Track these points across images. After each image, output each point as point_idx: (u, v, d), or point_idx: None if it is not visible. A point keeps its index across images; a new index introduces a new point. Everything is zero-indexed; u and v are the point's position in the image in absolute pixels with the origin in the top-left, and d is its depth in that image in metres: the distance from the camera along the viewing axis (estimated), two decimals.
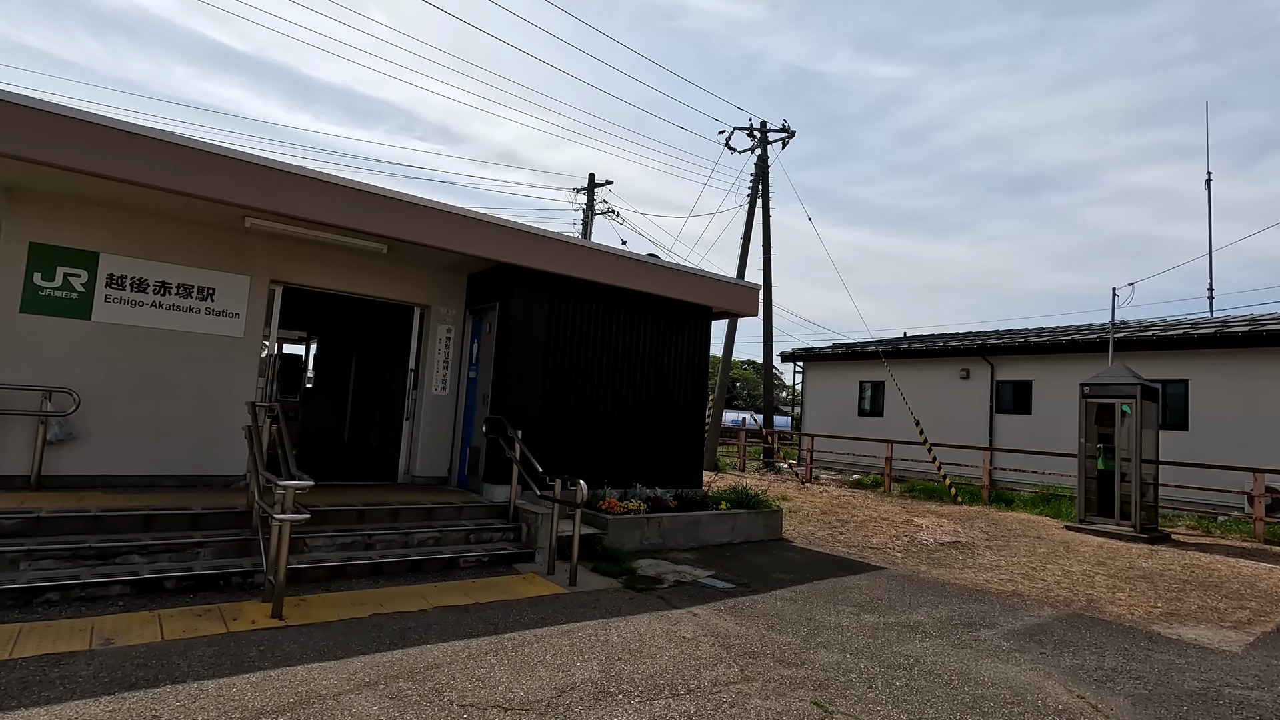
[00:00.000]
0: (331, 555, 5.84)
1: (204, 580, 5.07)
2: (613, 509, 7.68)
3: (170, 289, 6.75)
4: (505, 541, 6.92)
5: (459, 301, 8.67)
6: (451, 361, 8.58)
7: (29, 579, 4.56)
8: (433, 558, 6.14)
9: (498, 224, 7.36)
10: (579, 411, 8.20)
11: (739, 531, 8.57)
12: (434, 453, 8.37)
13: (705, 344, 9.54)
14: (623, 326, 8.67)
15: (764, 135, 20.73)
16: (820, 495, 13.98)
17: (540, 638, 4.64)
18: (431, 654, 4.19)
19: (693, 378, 9.38)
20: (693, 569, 7.05)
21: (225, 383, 6.99)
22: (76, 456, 6.27)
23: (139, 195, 6.14)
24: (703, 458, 9.47)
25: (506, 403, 7.59)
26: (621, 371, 8.62)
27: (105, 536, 5.17)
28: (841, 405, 20.28)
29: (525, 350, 7.77)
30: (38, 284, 6.15)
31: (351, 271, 7.86)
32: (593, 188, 24.00)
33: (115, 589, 4.76)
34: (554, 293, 8.03)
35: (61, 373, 6.19)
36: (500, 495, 7.42)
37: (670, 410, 9.10)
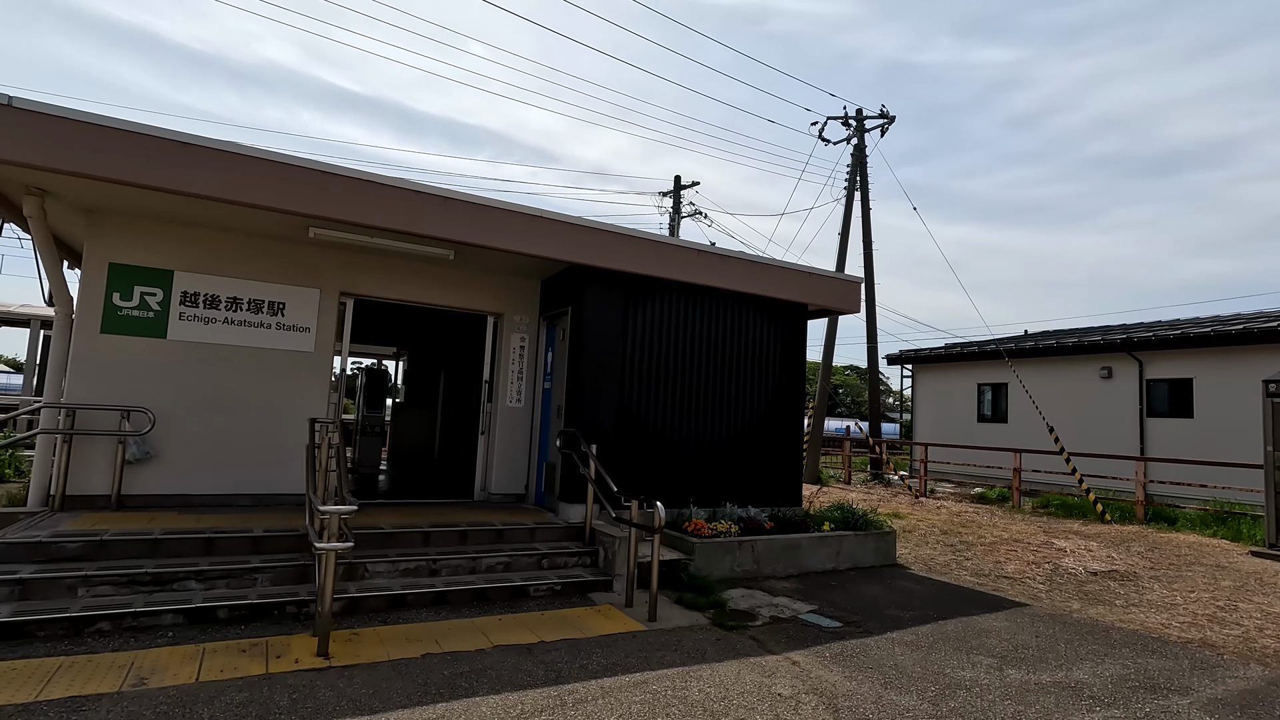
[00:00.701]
0: (393, 582, 5.42)
1: (257, 610, 4.75)
2: (699, 531, 6.90)
3: (241, 305, 6.66)
4: (580, 567, 6.31)
5: (532, 308, 8.22)
6: (526, 372, 8.13)
7: (83, 607, 4.38)
8: (501, 586, 5.61)
9: (565, 222, 6.82)
10: (660, 423, 7.50)
11: (845, 556, 7.55)
12: (510, 469, 7.93)
13: (801, 345, 8.60)
14: (707, 328, 7.91)
15: (860, 123, 19.36)
16: (938, 512, 12.54)
17: (608, 691, 3.94)
18: (478, 710, 3.60)
19: (788, 383, 8.46)
20: (792, 601, 6.15)
21: (296, 399, 6.83)
22: (154, 476, 6.24)
23: (206, 211, 6.07)
24: (801, 471, 8.52)
25: (580, 415, 7.01)
26: (707, 378, 7.85)
27: (164, 561, 4.98)
28: (958, 411, 18.46)
29: (599, 357, 7.17)
30: (117, 304, 6.18)
31: (421, 281, 7.58)
32: (679, 189, 23.35)
33: (168, 618, 4.51)
34: (630, 294, 7.40)
35: (139, 392, 6.19)
36: (576, 515, 6.83)
37: (763, 419, 8.22)
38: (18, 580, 4.43)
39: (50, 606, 4.35)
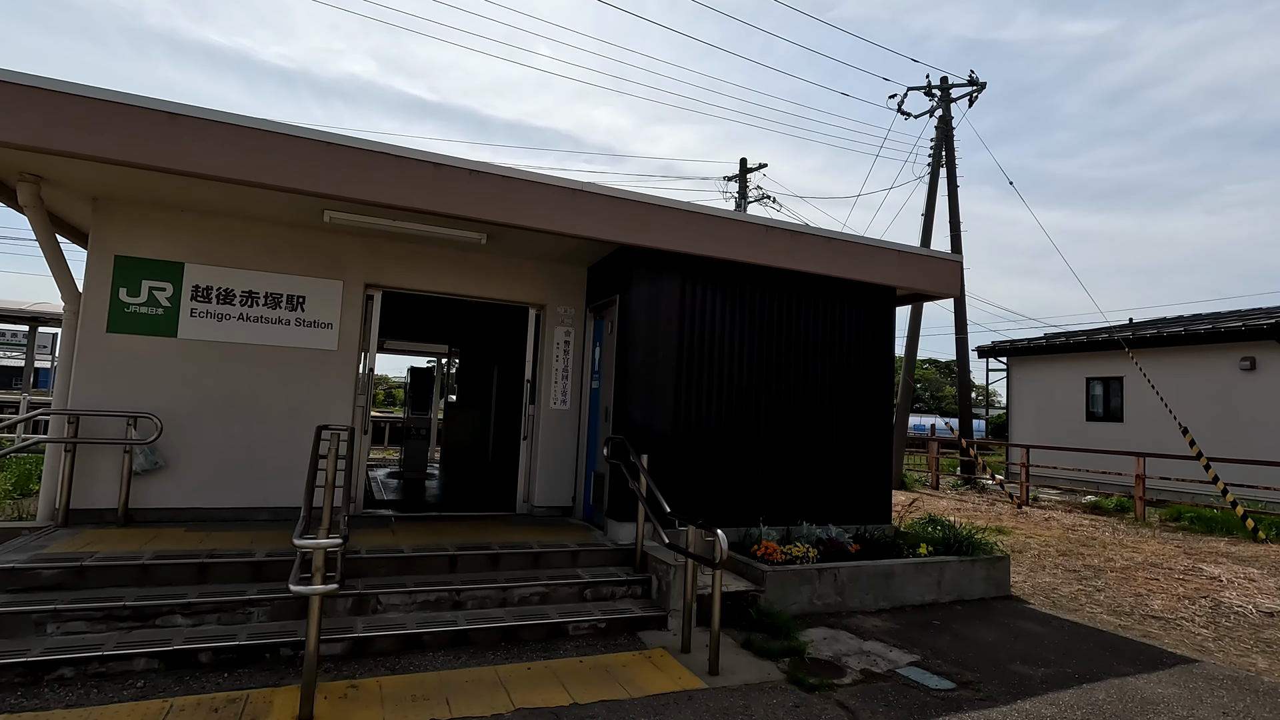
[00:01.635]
0: (409, 618, 4.64)
1: (246, 653, 4.05)
2: (770, 556, 5.85)
3: (258, 299, 6.06)
4: (629, 599, 5.38)
5: (578, 298, 7.34)
6: (572, 370, 7.26)
7: (45, 649, 3.77)
8: (534, 623, 4.75)
9: (609, 195, 5.89)
10: (722, 428, 6.48)
11: (948, 586, 6.33)
12: (554, 479, 7.08)
13: (888, 335, 7.38)
14: (778, 317, 6.81)
15: (946, 92, 17.60)
16: (1048, 525, 10.95)
17: None
18: None
19: (874, 380, 7.26)
20: (886, 648, 5.02)
21: (318, 402, 6.18)
22: (164, 488, 5.71)
23: (214, 196, 5.48)
24: (891, 483, 7.31)
25: (629, 419, 6.07)
26: (778, 375, 6.77)
27: (150, 592, 4.36)
28: (1061, 408, 16.50)
29: (651, 353, 6.20)
30: (123, 300, 5.67)
31: (453, 270, 6.82)
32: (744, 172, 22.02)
33: (140, 663, 3.85)
34: (686, 278, 6.40)
35: (148, 396, 5.67)
36: (626, 535, 5.90)
37: (845, 423, 7.06)
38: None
39: (9, 648, 3.76)
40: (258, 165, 4.80)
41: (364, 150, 5.08)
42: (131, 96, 4.45)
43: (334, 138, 5.01)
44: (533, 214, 5.63)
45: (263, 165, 4.82)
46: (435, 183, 5.29)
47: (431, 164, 5.29)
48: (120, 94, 4.42)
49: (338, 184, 5.02)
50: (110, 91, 4.41)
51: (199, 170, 4.65)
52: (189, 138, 4.61)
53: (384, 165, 5.14)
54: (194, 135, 4.63)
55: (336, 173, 5.02)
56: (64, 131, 4.27)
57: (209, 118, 4.67)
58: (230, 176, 4.74)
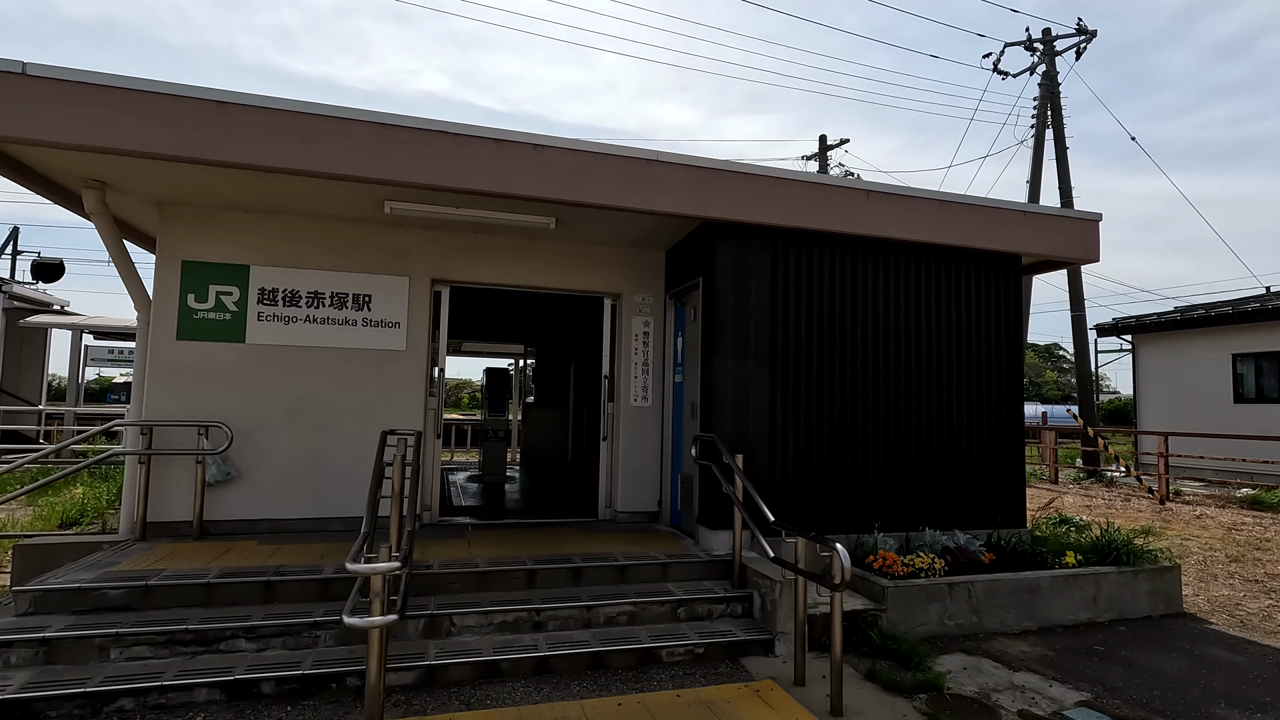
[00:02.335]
0: (485, 641, 4.18)
1: (310, 683, 3.68)
2: (890, 568, 5.07)
3: (323, 300, 5.79)
4: (729, 619, 4.73)
5: (657, 285, 6.75)
6: (652, 363, 6.67)
7: (106, 678, 3.51)
8: (622, 648, 4.19)
9: (688, 165, 5.26)
10: (827, 421, 5.72)
11: (1106, 603, 5.35)
12: (638, 482, 6.52)
13: (1016, 309, 6.39)
14: (888, 293, 5.99)
15: (1050, 44, 15.95)
16: (1202, 524, 9.50)
17: None
18: None
19: (1002, 361, 6.31)
20: (1043, 682, 4.17)
21: (388, 406, 5.86)
22: (238, 499, 5.51)
23: (275, 193, 5.23)
24: (1024, 481, 6.32)
25: (719, 415, 5.42)
26: (891, 359, 5.94)
27: (214, 613, 4.07)
28: (1201, 390, 14.58)
29: (742, 339, 5.53)
30: (192, 307, 5.51)
31: (523, 261, 6.37)
32: (824, 150, 20.82)
33: (201, 694, 3.54)
34: (778, 254, 5.69)
35: (219, 404, 5.49)
36: (720, 545, 5.26)
37: (971, 412, 6.15)
38: (42, 640, 3.67)
39: (71, 676, 3.53)
40: (308, 152, 4.46)
41: (419, 129, 4.67)
42: (177, 86, 4.18)
43: (387, 118, 4.61)
44: (604, 190, 5.07)
45: (314, 152, 4.47)
46: (497, 161, 4.81)
47: (493, 140, 4.82)
48: (165, 84, 4.17)
49: (393, 168, 4.63)
50: (154, 82, 4.15)
51: (249, 161, 4.35)
52: (237, 127, 4.31)
53: (441, 144, 4.71)
54: (242, 124, 4.32)
55: (391, 156, 4.63)
56: (108, 127, 4.04)
57: (256, 104, 4.36)
58: (281, 166, 4.43)
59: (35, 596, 3.98)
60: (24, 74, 3.97)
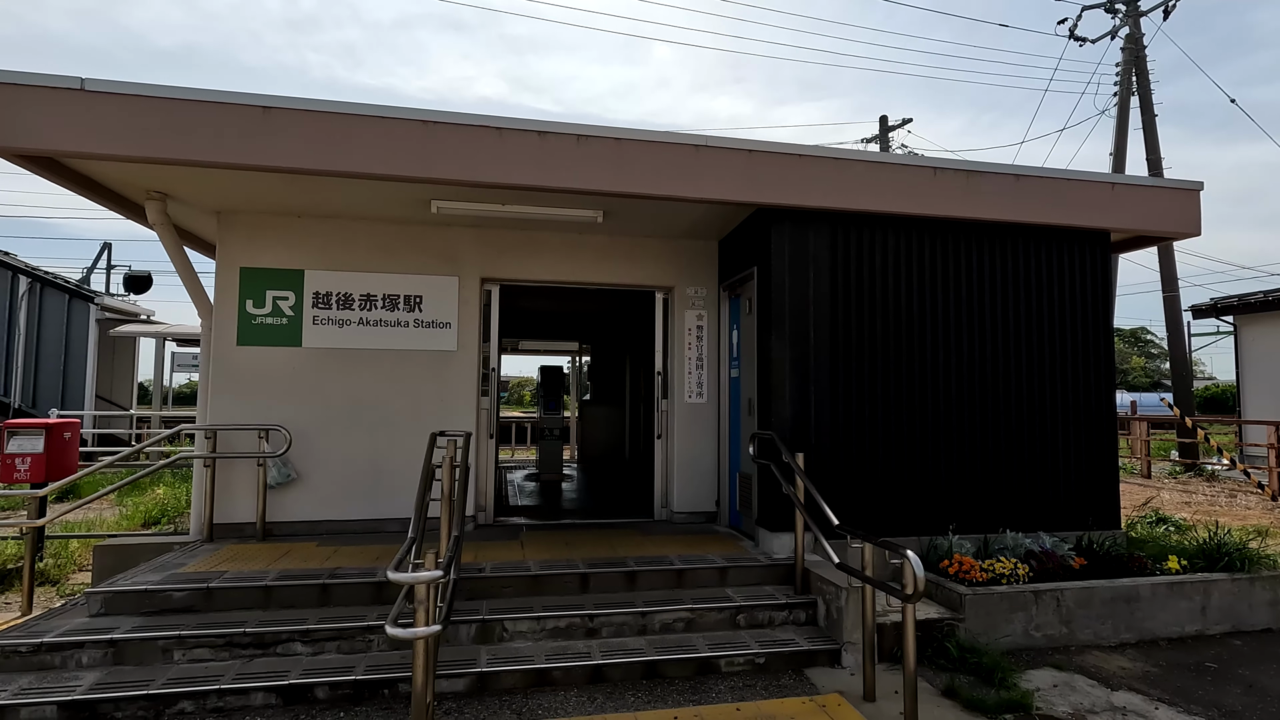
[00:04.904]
0: (538, 648, 4.06)
1: (363, 688, 3.64)
2: (968, 574, 4.69)
3: (375, 302, 5.82)
4: (791, 627, 4.48)
5: (709, 277, 6.51)
6: (707, 358, 6.44)
7: (168, 680, 3.56)
8: (679, 658, 4.00)
9: (737, 149, 5.00)
10: (895, 416, 5.37)
11: (1217, 613, 4.82)
12: (694, 481, 6.31)
13: (1105, 289, 5.84)
14: (960, 277, 5.58)
15: (1134, 4, 14.78)
16: None
17: None
18: None
19: (1090, 347, 5.79)
20: (1149, 704, 3.76)
21: (441, 406, 5.85)
22: (298, 500, 5.60)
23: (324, 198, 5.27)
24: (1117, 477, 5.79)
25: (777, 411, 5.15)
26: (964, 348, 5.54)
27: (271, 616, 4.10)
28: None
29: (801, 330, 5.24)
30: (250, 312, 5.62)
31: (572, 256, 6.24)
32: (885, 131, 19.95)
33: (258, 697, 3.55)
34: (837, 239, 5.36)
35: (278, 408, 5.59)
36: (781, 548, 5.00)
37: (1055, 403, 5.67)
38: (110, 642, 3.76)
39: (136, 678, 3.59)
40: (352, 154, 4.44)
41: (461, 125, 4.58)
42: (223, 94, 4.22)
43: (429, 114, 4.54)
44: (650, 179, 4.87)
45: (357, 153, 4.44)
46: (540, 154, 4.68)
47: (535, 133, 4.69)
48: (211, 91, 4.21)
49: (436, 165, 4.56)
50: (202, 90, 4.20)
51: (295, 165, 4.36)
52: (282, 131, 4.32)
53: (484, 139, 4.61)
54: (287, 128, 4.33)
55: (434, 153, 4.56)
56: (159, 137, 4.10)
57: (300, 107, 4.36)
58: (326, 169, 4.42)
59: (106, 598, 4.10)
60: (82, 89, 4.07)
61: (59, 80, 4.03)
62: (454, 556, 3.38)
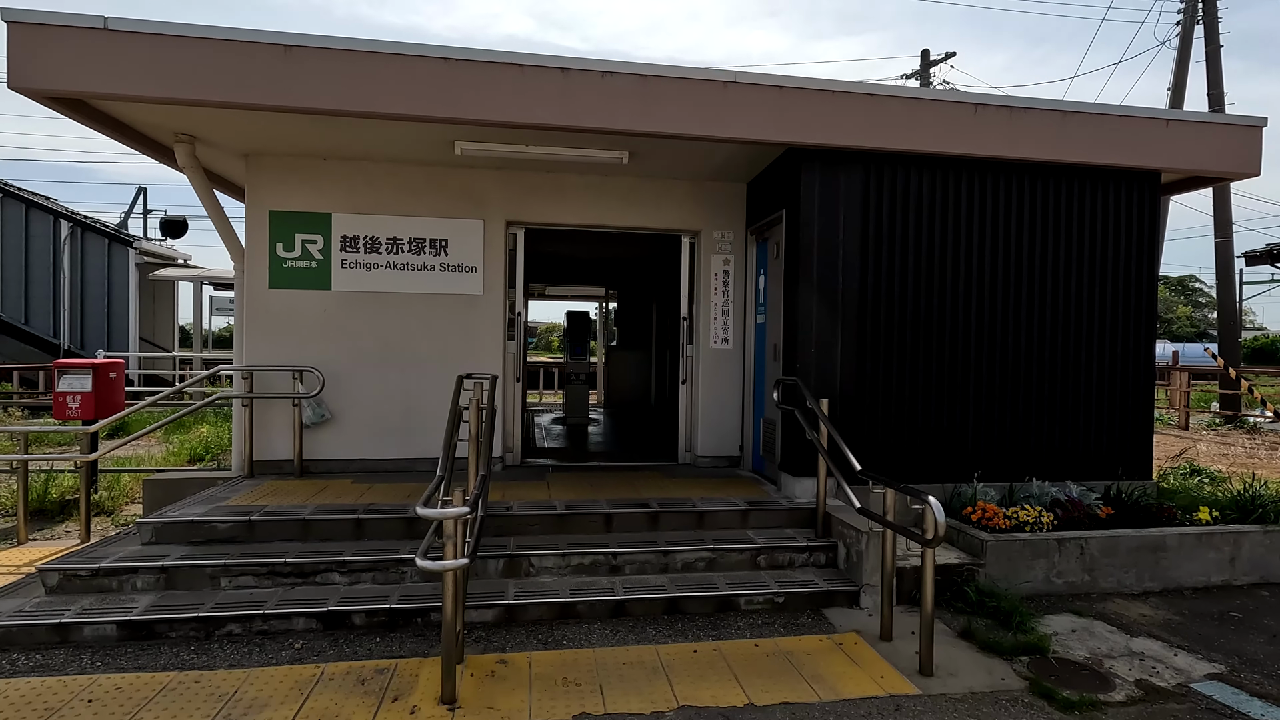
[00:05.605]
0: (563, 583, 4.21)
1: (397, 616, 3.83)
2: (990, 521, 4.70)
3: (402, 245, 5.84)
4: (811, 568, 4.56)
5: (737, 221, 6.38)
6: (733, 303, 6.38)
7: (216, 604, 3.78)
8: (699, 595, 4.11)
9: (767, 85, 4.82)
10: (921, 363, 5.30)
11: (1246, 564, 4.78)
12: (718, 427, 6.35)
13: (1150, 234, 5.61)
14: (994, 220, 5.39)
15: None
16: None
17: None
18: None
19: (1129, 293, 5.60)
20: (1167, 650, 3.77)
21: (468, 349, 5.93)
22: (333, 440, 5.78)
23: (348, 140, 5.24)
24: (1152, 427, 5.67)
25: (803, 356, 5.12)
26: (996, 293, 5.40)
27: (310, 547, 4.30)
28: None
29: (829, 275, 5.14)
30: (280, 255, 5.70)
31: (597, 200, 6.16)
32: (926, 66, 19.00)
33: (300, 622, 3.75)
34: (871, 180, 5.20)
35: (311, 350, 5.72)
36: (804, 492, 5.05)
37: (1089, 351, 5.54)
38: (162, 569, 3.98)
39: (187, 601, 3.82)
40: (374, 94, 4.38)
41: (483, 63, 4.48)
42: (245, 31, 4.17)
43: (450, 52, 4.44)
44: (677, 117, 4.74)
45: (380, 93, 4.39)
46: (563, 92, 4.57)
47: (558, 69, 4.56)
48: (234, 29, 4.16)
49: (459, 105, 4.48)
50: (223, 29, 4.15)
51: (317, 105, 4.32)
52: (304, 71, 4.27)
53: (506, 77, 4.51)
54: (309, 67, 4.28)
55: (456, 92, 4.48)
56: (184, 78, 4.09)
57: (322, 45, 4.29)
58: (348, 109, 4.38)
59: (156, 528, 4.33)
60: (106, 29, 4.06)
61: (82, 20, 4.02)
62: (480, 494, 3.48)
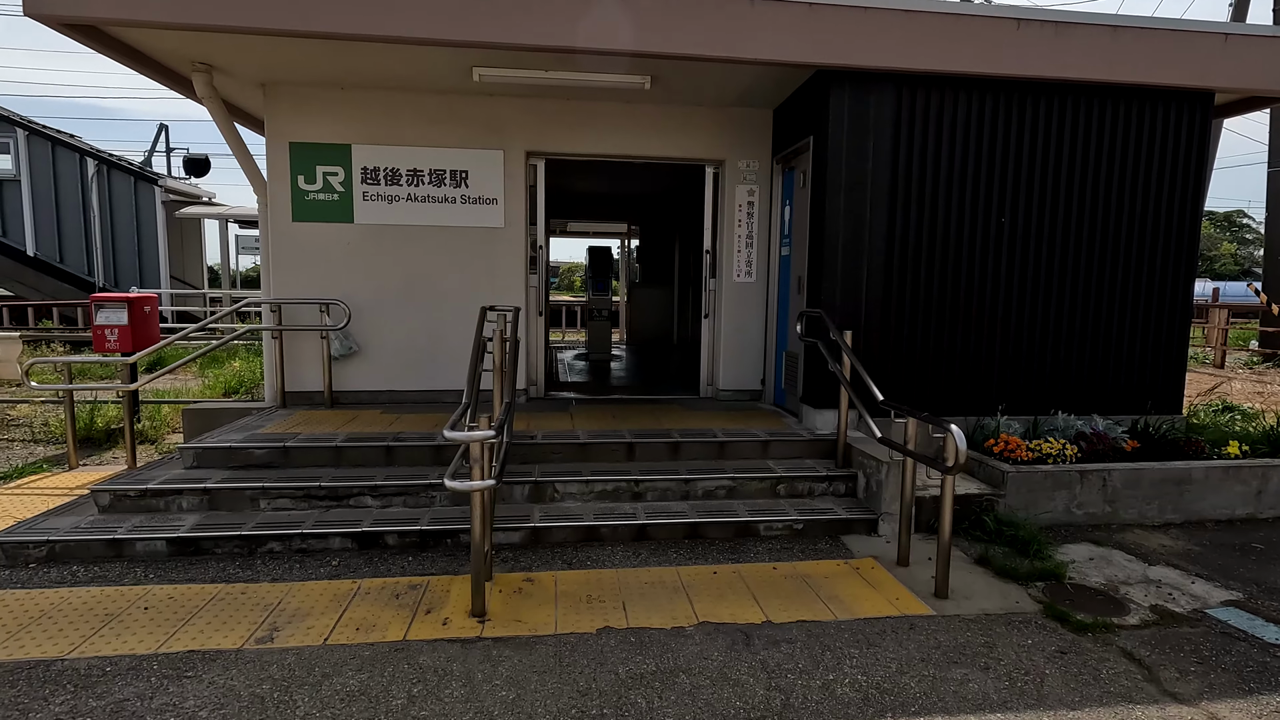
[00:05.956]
0: (586, 508, 4.34)
1: (429, 537, 3.99)
2: (1013, 453, 4.69)
3: (422, 177, 5.79)
4: (830, 497, 4.63)
5: (762, 149, 6.20)
6: (757, 235, 6.27)
7: (257, 524, 3.97)
8: (719, 520, 4.21)
9: (791, 2, 4.57)
10: (949, 293, 5.20)
11: (1272, 498, 4.75)
12: (740, 360, 6.35)
13: (1199, 158, 5.34)
14: (1032, 144, 5.18)
15: None
16: None
17: None
18: None
19: (1171, 222, 5.39)
20: (1185, 578, 3.81)
21: (490, 283, 5.94)
22: (361, 372, 5.91)
23: (365, 67, 5.13)
24: (1185, 361, 5.55)
25: (827, 288, 5.05)
26: (1030, 221, 5.23)
27: (344, 473, 4.46)
28: None
29: (857, 203, 5.01)
30: (302, 188, 5.70)
31: (619, 128, 6.01)
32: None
33: (336, 541, 3.94)
34: (903, 103, 4.99)
35: (336, 283, 5.78)
36: (825, 424, 5.07)
37: (1122, 280, 5.38)
38: (204, 490, 4.17)
39: (230, 521, 4.02)
40: (390, 17, 4.26)
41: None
42: None
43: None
44: (700, 38, 4.55)
45: (396, 16, 4.26)
46: (582, 12, 4.40)
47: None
48: None
49: (476, 28, 4.34)
50: None
51: (335, 30, 4.22)
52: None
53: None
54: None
55: (474, 18, 4.33)
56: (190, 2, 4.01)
57: None
58: (363, 33, 4.27)
59: (198, 453, 4.52)
60: None
61: None
62: (505, 420, 3.56)
